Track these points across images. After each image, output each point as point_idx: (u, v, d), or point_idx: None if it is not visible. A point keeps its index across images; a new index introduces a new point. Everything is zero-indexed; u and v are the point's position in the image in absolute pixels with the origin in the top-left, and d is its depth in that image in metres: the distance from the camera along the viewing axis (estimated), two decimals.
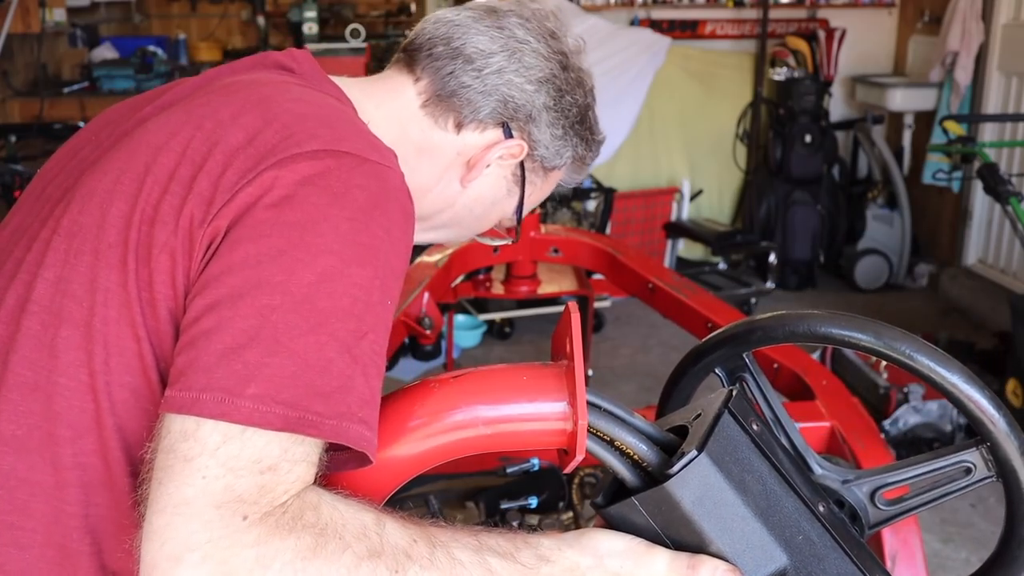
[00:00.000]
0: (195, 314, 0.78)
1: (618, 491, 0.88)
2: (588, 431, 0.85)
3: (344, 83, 1.04)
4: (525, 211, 1.15)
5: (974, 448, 0.87)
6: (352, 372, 0.77)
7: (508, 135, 1.06)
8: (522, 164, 1.09)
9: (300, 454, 0.75)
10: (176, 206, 0.82)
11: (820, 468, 0.94)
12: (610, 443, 0.87)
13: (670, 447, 0.86)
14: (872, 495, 0.93)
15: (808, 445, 0.95)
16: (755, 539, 0.82)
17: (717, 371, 0.98)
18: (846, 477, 0.94)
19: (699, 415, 0.86)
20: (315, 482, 0.78)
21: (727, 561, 0.81)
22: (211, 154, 0.84)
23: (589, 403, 0.86)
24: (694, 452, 0.81)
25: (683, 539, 0.82)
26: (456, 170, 1.07)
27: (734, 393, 0.87)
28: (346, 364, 0.77)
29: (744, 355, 0.96)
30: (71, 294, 0.83)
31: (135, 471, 0.82)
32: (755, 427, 0.86)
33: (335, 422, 0.75)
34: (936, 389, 0.84)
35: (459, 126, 1.06)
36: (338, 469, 0.83)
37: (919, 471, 0.91)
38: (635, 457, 0.86)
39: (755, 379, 0.97)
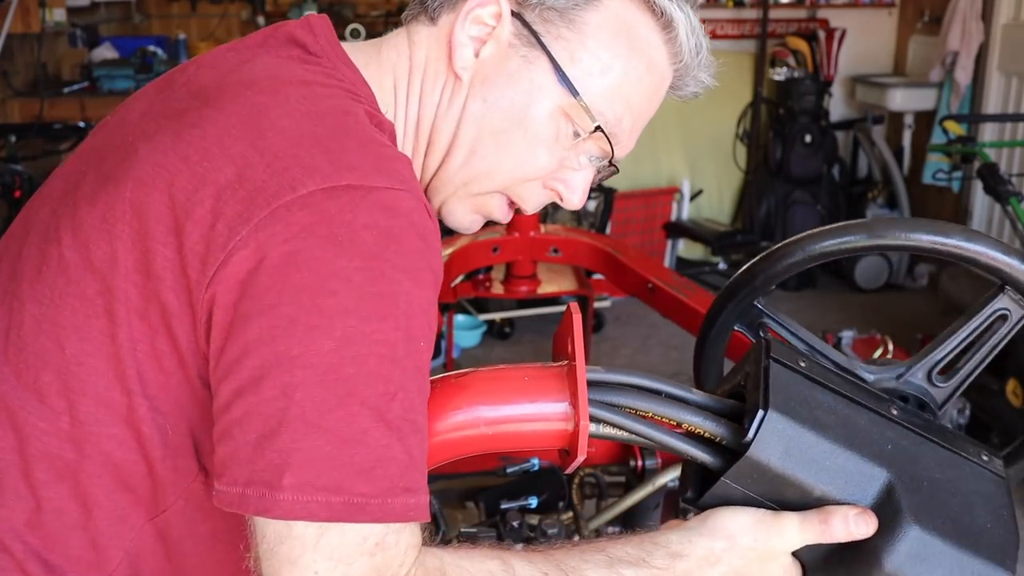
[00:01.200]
0: (224, 401, 0.73)
1: (704, 478, 0.87)
2: (655, 419, 0.84)
3: (356, 46, 0.95)
4: (585, 81, 0.90)
5: (1001, 294, 0.89)
6: (388, 440, 0.72)
7: None
8: (523, 20, 0.90)
9: (396, 527, 0.72)
10: (170, 259, 0.76)
11: (872, 375, 0.95)
12: (677, 427, 0.85)
13: (735, 415, 0.85)
14: (929, 377, 0.95)
15: (851, 356, 0.96)
16: (851, 467, 0.82)
17: (737, 328, 0.97)
18: (898, 372, 0.95)
19: (747, 374, 0.86)
20: (424, 537, 0.76)
21: (836, 502, 0.81)
22: (198, 196, 0.76)
23: (648, 389, 0.85)
24: (761, 412, 0.80)
25: (786, 497, 0.82)
26: (450, 63, 0.92)
27: (770, 342, 0.86)
28: (382, 433, 0.71)
29: (755, 303, 0.96)
30: (52, 336, 0.80)
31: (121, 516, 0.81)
32: (802, 364, 0.86)
33: (380, 500, 0.71)
34: (945, 258, 0.87)
35: (433, 16, 0.93)
36: None
37: (961, 336, 0.92)
38: (708, 436, 0.84)
39: (775, 320, 0.97)
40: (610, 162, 0.96)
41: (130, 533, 0.82)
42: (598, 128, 0.91)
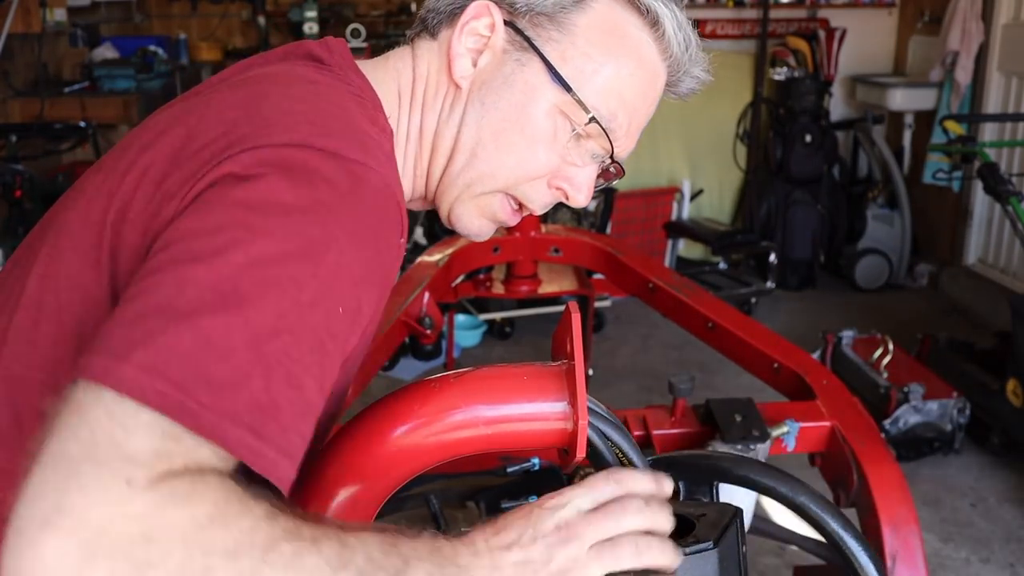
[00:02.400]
0: (128, 286, 0.72)
1: None
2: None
3: (366, 63, 1.00)
4: (578, 79, 0.93)
5: None
6: (252, 371, 0.68)
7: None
8: (516, 27, 0.95)
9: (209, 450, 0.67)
10: (144, 206, 0.79)
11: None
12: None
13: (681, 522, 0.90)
14: None
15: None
16: None
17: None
18: None
19: (704, 515, 0.92)
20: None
21: None
22: (184, 150, 0.80)
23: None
24: (711, 544, 0.87)
25: None
26: (449, 75, 0.98)
27: (739, 514, 0.93)
28: (248, 361, 0.68)
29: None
30: (51, 289, 0.82)
31: None
32: (744, 549, 0.92)
33: (215, 419, 0.66)
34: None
35: (434, 32, 1.00)
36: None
37: None
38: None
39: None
40: (612, 159, 0.99)
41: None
42: (593, 120, 0.94)
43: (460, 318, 4.23)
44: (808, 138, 5.00)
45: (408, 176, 1.01)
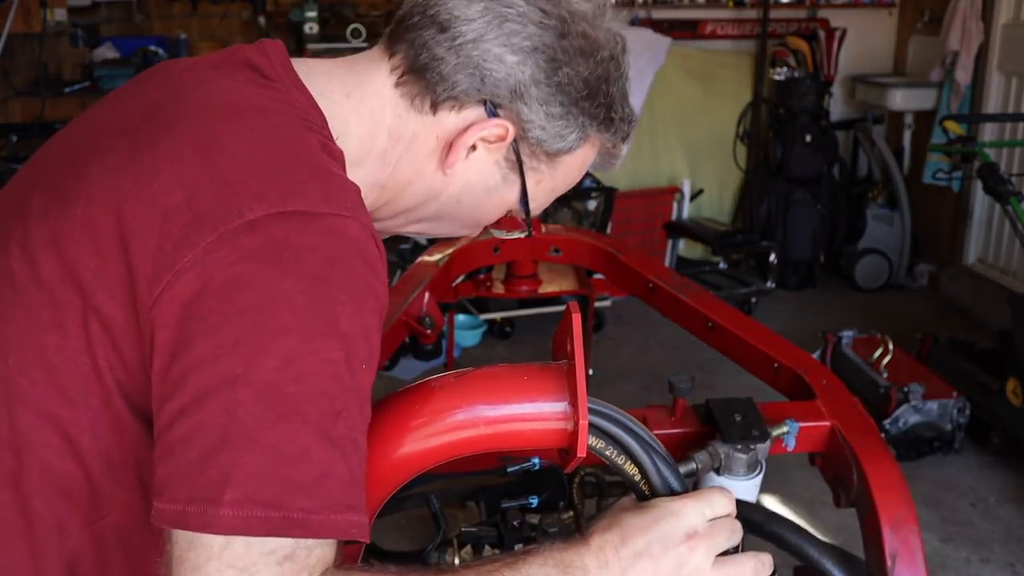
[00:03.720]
0: (166, 421, 0.73)
1: None
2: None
3: (316, 71, 0.93)
4: (539, 202, 1.01)
5: None
6: (331, 456, 0.72)
7: (491, 115, 0.93)
8: (516, 148, 0.95)
9: (314, 541, 0.72)
10: (116, 275, 0.77)
11: None
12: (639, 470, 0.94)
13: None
14: None
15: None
16: None
17: None
18: None
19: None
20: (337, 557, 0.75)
21: None
22: (147, 216, 0.77)
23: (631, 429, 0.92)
24: None
25: None
26: (438, 156, 0.95)
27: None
28: (325, 450, 0.72)
29: None
30: None
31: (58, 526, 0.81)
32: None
33: (321, 516, 0.71)
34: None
35: (435, 106, 0.93)
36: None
37: None
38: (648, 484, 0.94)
39: None
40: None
41: (68, 542, 0.81)
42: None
43: (460, 318, 4.23)
44: (808, 138, 5.00)
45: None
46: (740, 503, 0.98)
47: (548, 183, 1.00)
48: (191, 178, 0.78)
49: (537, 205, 1.01)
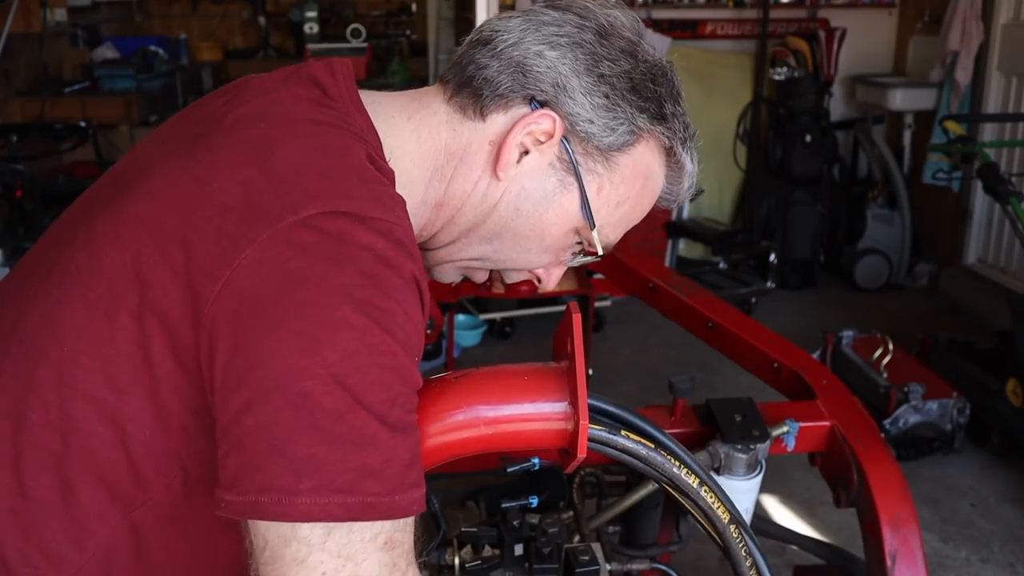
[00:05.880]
0: (233, 414, 0.76)
1: None
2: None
3: (381, 99, 0.98)
4: (603, 215, 0.99)
5: None
6: (395, 442, 0.77)
7: (536, 108, 0.95)
8: (568, 147, 0.96)
9: (403, 522, 0.78)
10: (176, 271, 0.80)
11: None
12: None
13: None
14: None
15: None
16: None
17: None
18: None
19: None
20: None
21: None
22: (206, 213, 0.81)
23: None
24: None
25: None
26: (492, 163, 0.96)
27: None
28: (388, 436, 0.76)
29: None
30: (53, 333, 0.83)
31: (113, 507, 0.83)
32: None
33: (389, 498, 0.76)
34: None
35: (484, 111, 0.96)
36: None
37: None
38: None
39: None
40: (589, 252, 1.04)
41: (105, 529, 0.84)
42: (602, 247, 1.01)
43: (460, 318, 4.23)
44: (808, 138, 5.00)
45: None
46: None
47: (609, 191, 0.98)
48: (248, 178, 0.82)
49: (603, 219, 0.99)
